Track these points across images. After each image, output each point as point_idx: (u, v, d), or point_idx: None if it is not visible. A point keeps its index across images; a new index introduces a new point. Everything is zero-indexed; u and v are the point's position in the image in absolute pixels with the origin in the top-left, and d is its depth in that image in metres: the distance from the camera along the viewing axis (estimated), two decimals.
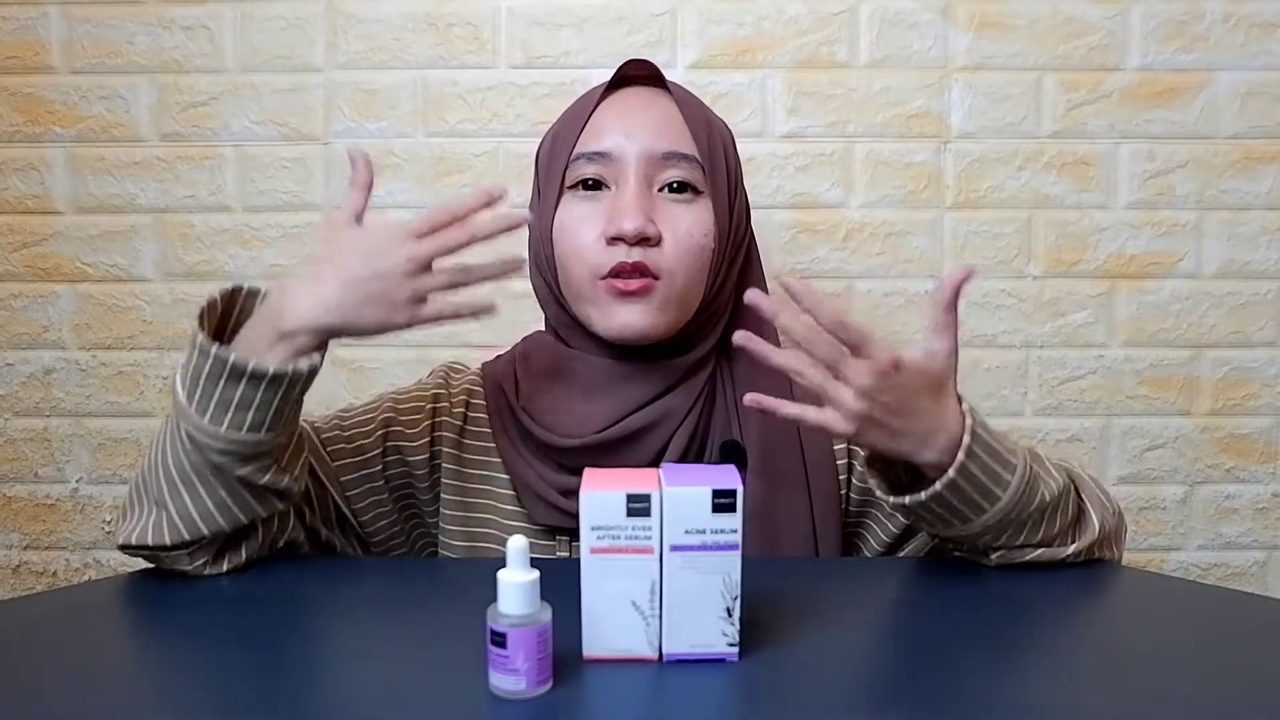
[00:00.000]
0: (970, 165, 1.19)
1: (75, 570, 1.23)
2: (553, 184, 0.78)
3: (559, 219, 0.78)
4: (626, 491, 0.53)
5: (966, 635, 0.58)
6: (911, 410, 0.63)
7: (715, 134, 0.79)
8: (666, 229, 0.75)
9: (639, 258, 0.74)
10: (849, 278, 1.20)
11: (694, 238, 0.76)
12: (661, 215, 0.75)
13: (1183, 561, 1.22)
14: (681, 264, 0.75)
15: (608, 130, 0.76)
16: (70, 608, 0.65)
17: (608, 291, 0.75)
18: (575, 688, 0.51)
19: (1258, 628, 0.60)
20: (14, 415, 1.22)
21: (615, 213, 0.74)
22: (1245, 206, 1.19)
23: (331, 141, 1.19)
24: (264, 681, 0.52)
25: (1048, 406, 1.21)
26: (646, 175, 0.75)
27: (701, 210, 0.77)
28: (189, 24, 1.18)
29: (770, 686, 0.51)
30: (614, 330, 0.75)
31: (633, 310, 0.75)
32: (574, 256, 0.76)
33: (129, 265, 1.20)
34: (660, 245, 0.75)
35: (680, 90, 0.80)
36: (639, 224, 0.73)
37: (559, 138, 0.79)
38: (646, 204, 0.75)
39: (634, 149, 0.75)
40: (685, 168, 0.76)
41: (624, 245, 0.74)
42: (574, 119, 0.79)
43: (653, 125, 0.76)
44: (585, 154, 0.76)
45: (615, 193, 0.76)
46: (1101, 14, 1.17)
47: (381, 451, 0.80)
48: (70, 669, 0.53)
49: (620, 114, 0.77)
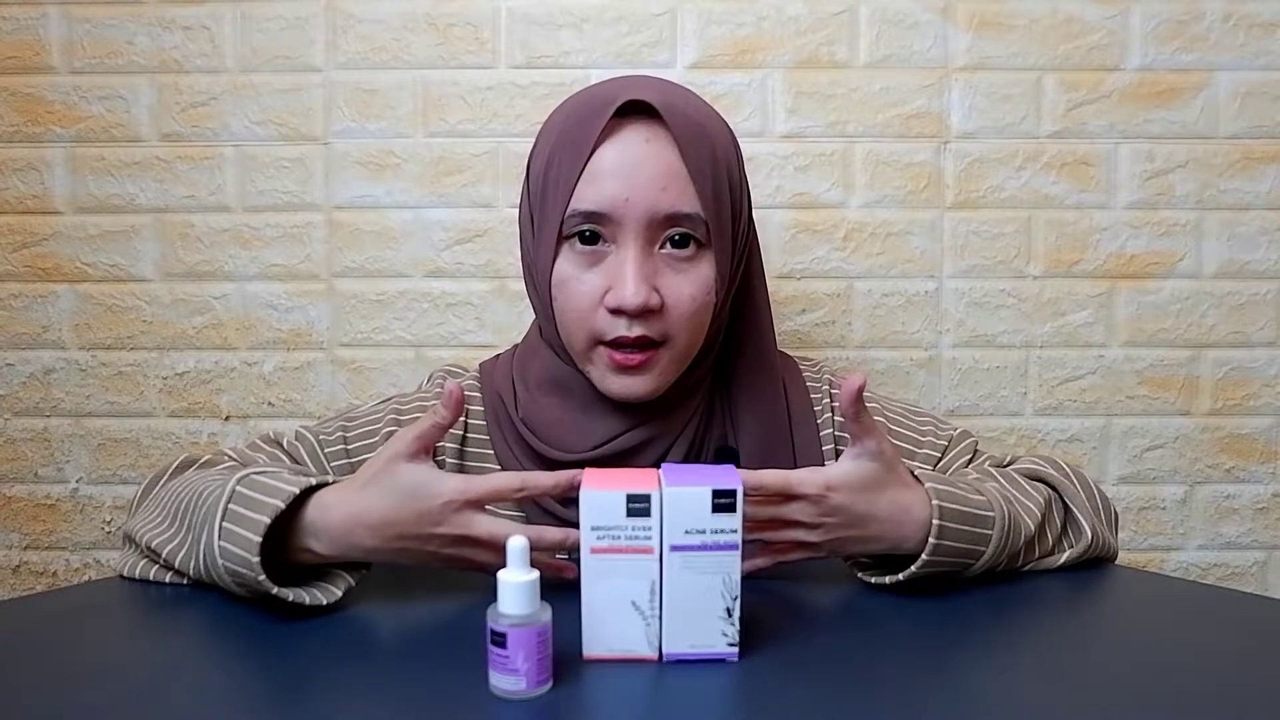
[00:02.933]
0: (970, 165, 1.19)
1: (75, 570, 1.23)
2: (549, 228, 0.74)
3: (558, 271, 0.74)
4: (626, 492, 0.53)
5: (966, 635, 0.58)
6: (870, 515, 0.65)
7: (720, 172, 0.74)
8: (669, 294, 0.72)
9: (640, 331, 0.71)
10: (849, 278, 1.20)
11: (696, 300, 0.73)
12: (663, 280, 0.72)
13: (1183, 561, 1.22)
14: (685, 329, 0.73)
15: (606, 183, 0.71)
16: (70, 608, 0.65)
17: (608, 361, 0.73)
18: (575, 688, 0.51)
19: (1258, 628, 0.60)
20: (14, 415, 1.22)
21: (616, 281, 0.71)
22: (1245, 206, 1.19)
23: (331, 141, 1.19)
24: (264, 681, 0.52)
25: (1047, 406, 1.21)
26: (648, 237, 0.72)
27: (704, 267, 0.74)
28: (189, 24, 1.18)
29: (770, 686, 0.51)
30: (613, 394, 0.75)
31: (634, 380, 0.74)
32: (573, 316, 0.73)
33: (129, 265, 1.20)
34: (661, 312, 0.72)
35: (682, 124, 0.72)
36: (642, 298, 0.70)
37: (557, 170, 0.74)
38: (649, 269, 0.71)
39: (635, 211, 0.71)
40: (688, 225, 0.72)
41: (625, 318, 0.71)
42: (572, 153, 0.73)
43: (655, 182, 0.71)
44: (583, 212, 0.72)
45: (615, 255, 0.72)
46: (1101, 14, 1.17)
47: None
48: (70, 669, 0.53)
49: (619, 165, 0.71)
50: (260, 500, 0.61)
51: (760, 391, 0.81)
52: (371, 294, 1.20)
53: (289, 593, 0.61)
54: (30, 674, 0.53)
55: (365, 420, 0.82)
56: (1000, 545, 0.66)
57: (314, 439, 0.81)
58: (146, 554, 0.71)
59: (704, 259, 0.74)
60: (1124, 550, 1.20)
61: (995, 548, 0.66)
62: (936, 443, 0.84)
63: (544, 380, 0.80)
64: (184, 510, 0.68)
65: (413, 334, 1.21)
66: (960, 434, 0.85)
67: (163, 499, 0.72)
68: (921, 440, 0.84)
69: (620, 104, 0.72)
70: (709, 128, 0.75)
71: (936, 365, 1.21)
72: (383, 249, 1.20)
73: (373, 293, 1.20)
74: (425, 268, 1.20)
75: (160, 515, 0.71)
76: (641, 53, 1.17)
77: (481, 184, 1.19)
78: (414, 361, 1.21)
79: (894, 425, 0.85)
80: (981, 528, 0.65)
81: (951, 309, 1.20)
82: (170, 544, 0.68)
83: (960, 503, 0.65)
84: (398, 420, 0.82)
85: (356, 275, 1.20)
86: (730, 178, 0.76)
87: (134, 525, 0.73)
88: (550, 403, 0.79)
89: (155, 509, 0.72)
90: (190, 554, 0.66)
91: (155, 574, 0.70)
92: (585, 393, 0.78)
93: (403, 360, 1.21)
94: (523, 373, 0.82)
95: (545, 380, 0.80)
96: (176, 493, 0.70)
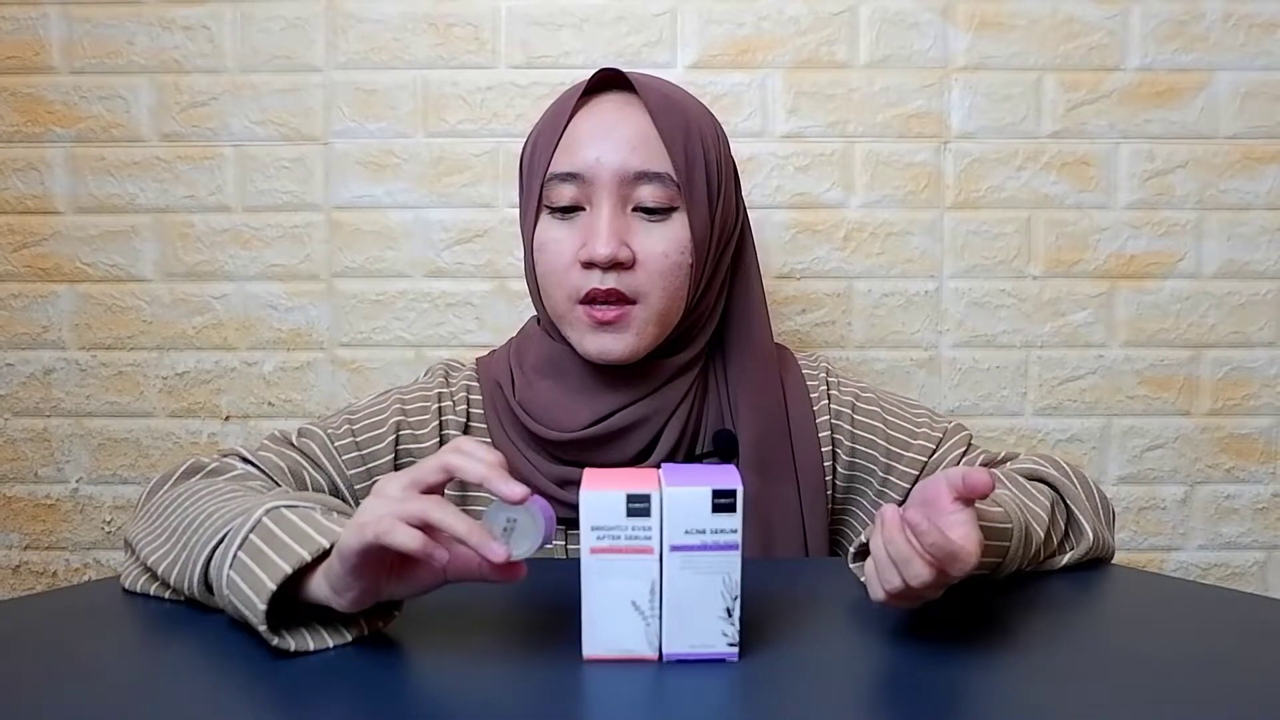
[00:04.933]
0: (970, 165, 1.19)
1: (75, 570, 1.23)
2: (532, 200, 0.79)
3: (538, 238, 0.79)
4: (626, 492, 0.53)
5: (966, 635, 0.58)
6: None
7: (694, 140, 0.78)
8: (640, 249, 0.76)
9: (613, 284, 0.75)
10: (849, 278, 1.20)
11: (669, 258, 0.76)
12: (635, 236, 0.76)
13: (1183, 561, 1.22)
14: (657, 285, 0.76)
15: (580, 147, 0.76)
16: (70, 608, 0.65)
17: (585, 318, 0.76)
18: (575, 688, 0.51)
19: (1258, 628, 0.60)
20: (14, 415, 1.22)
21: (589, 237, 0.75)
22: (1245, 206, 1.19)
23: (331, 141, 1.19)
24: (265, 681, 0.52)
25: (1047, 406, 1.21)
26: (620, 195, 0.76)
27: (676, 228, 0.77)
28: (189, 24, 1.18)
29: (770, 686, 0.51)
30: (593, 355, 0.77)
31: (610, 338, 0.76)
32: (551, 278, 0.77)
33: (129, 265, 1.20)
34: (634, 268, 0.76)
35: (655, 96, 0.77)
36: (611, 249, 0.74)
37: (537, 148, 0.80)
38: (620, 226, 0.75)
39: (606, 170, 0.75)
40: (658, 185, 0.76)
41: (598, 270, 0.75)
42: (550, 128, 0.79)
43: (625, 143, 0.75)
44: (559, 174, 0.76)
45: (589, 214, 0.76)
46: (1101, 14, 1.17)
47: (394, 456, 0.81)
48: (70, 669, 0.53)
49: (593, 131, 0.76)
50: (285, 543, 0.55)
51: (757, 378, 0.82)
52: (371, 294, 1.20)
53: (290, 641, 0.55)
54: (30, 674, 0.53)
55: (369, 412, 0.83)
56: (1015, 556, 0.66)
57: (324, 434, 0.81)
58: (145, 569, 0.68)
59: (677, 219, 0.77)
60: (1124, 550, 1.21)
61: (1010, 559, 0.66)
62: (931, 434, 0.84)
63: (539, 364, 0.82)
64: (185, 528, 0.64)
65: (413, 334, 1.21)
66: (955, 427, 0.85)
67: (166, 510, 0.69)
68: (916, 432, 0.84)
69: (594, 77, 0.78)
70: (683, 102, 0.79)
71: (936, 365, 1.21)
72: (383, 249, 1.20)
73: (373, 293, 1.20)
74: (425, 268, 1.20)
75: (160, 529, 0.68)
76: (641, 53, 1.17)
77: (481, 184, 1.19)
78: (414, 361, 1.21)
79: (889, 417, 0.85)
80: (1000, 540, 0.64)
81: (951, 309, 1.20)
82: (165, 560, 0.64)
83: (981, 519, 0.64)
84: (402, 409, 0.82)
85: (356, 275, 1.20)
86: (704, 147, 0.79)
87: (134, 533, 0.70)
88: (546, 385, 0.81)
89: (157, 520, 0.69)
90: (184, 574, 0.62)
91: (155, 590, 0.67)
92: (579, 373, 0.80)
93: (403, 360, 1.21)
94: (520, 360, 0.84)
95: (540, 363, 0.82)
96: (181, 506, 0.67)
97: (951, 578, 0.54)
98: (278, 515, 0.58)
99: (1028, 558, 0.69)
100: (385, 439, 0.81)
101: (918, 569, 0.53)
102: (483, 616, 0.61)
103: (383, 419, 0.82)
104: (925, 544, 0.52)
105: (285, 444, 0.81)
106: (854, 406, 0.85)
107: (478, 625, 0.59)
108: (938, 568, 0.53)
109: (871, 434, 0.84)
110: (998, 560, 0.65)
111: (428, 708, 0.49)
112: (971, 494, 0.55)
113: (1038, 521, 0.70)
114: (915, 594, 0.56)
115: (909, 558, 0.54)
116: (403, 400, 0.83)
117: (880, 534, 0.56)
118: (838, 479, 0.85)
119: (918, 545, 0.53)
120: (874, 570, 0.58)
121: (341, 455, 0.80)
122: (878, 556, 0.57)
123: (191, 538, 0.62)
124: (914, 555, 0.54)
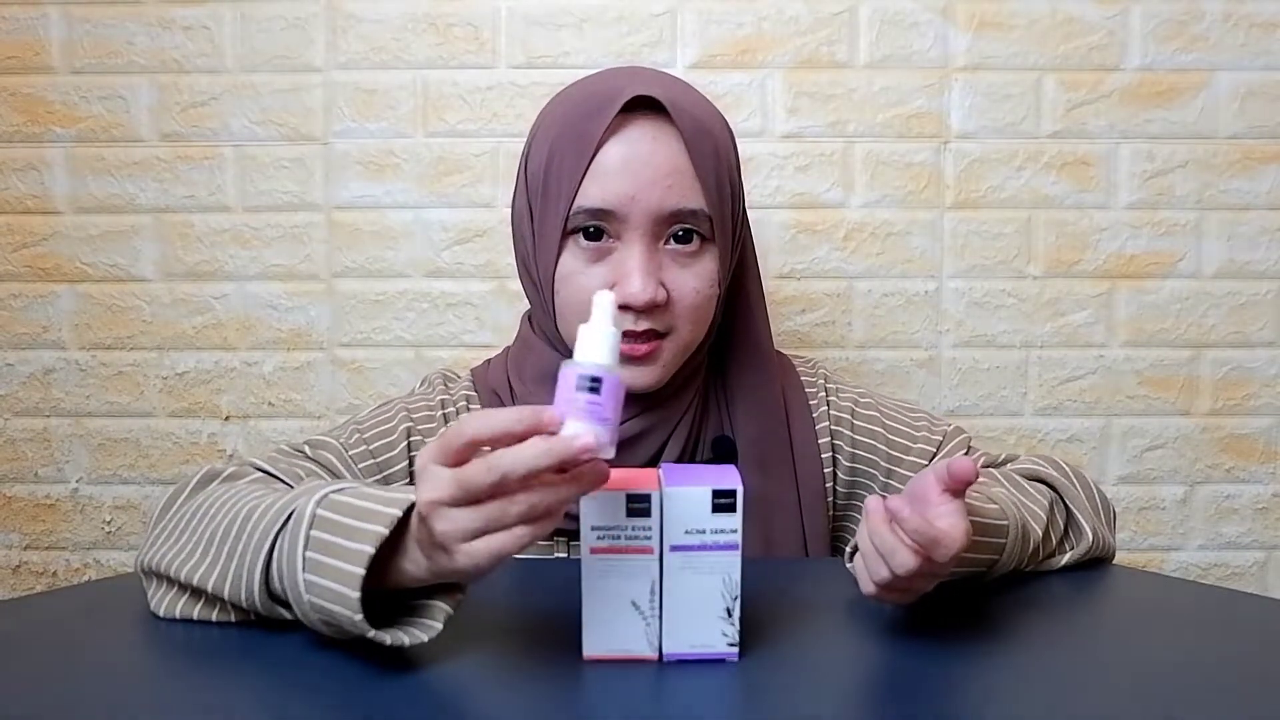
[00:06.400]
0: (970, 165, 1.19)
1: (75, 570, 1.23)
2: (552, 223, 0.74)
3: (561, 268, 0.74)
4: (626, 492, 0.53)
5: (966, 635, 0.58)
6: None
7: (724, 168, 0.75)
8: (674, 288, 0.73)
9: (647, 325, 0.72)
10: (849, 278, 1.20)
11: (700, 293, 0.75)
12: (668, 273, 0.73)
13: (1183, 561, 1.22)
14: (689, 321, 0.75)
15: (613, 180, 0.71)
16: (70, 608, 0.65)
17: None
18: (575, 688, 0.51)
19: (1258, 628, 0.60)
20: (14, 415, 1.22)
21: (623, 277, 0.72)
22: (1245, 206, 1.19)
23: (331, 141, 1.19)
24: (266, 681, 0.52)
25: (1047, 406, 1.21)
26: (654, 233, 0.73)
27: (707, 261, 0.75)
28: (189, 24, 1.18)
29: (770, 686, 0.51)
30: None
31: (639, 370, 0.74)
32: (576, 310, 0.72)
33: (129, 265, 1.20)
34: (668, 305, 0.73)
35: (688, 121, 0.73)
36: (650, 294, 0.71)
37: (561, 168, 0.73)
38: (654, 265, 0.72)
39: (640, 209, 0.71)
40: (693, 221, 0.73)
41: (632, 312, 0.72)
42: (574, 149, 0.73)
43: (661, 179, 0.71)
44: (588, 209, 0.72)
45: (621, 251, 0.73)
46: (1101, 14, 1.17)
47: (408, 463, 0.80)
48: (70, 669, 0.53)
49: (626, 162, 0.71)
50: (354, 526, 0.52)
51: (756, 384, 0.82)
52: (371, 294, 1.20)
53: (386, 635, 0.52)
54: (30, 674, 0.53)
55: (376, 421, 0.82)
56: (1012, 554, 0.66)
57: (337, 443, 0.79)
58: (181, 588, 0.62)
59: (707, 253, 0.76)
60: (1124, 550, 1.21)
61: (1007, 557, 0.66)
62: (931, 437, 0.84)
63: (540, 374, 0.80)
64: (225, 535, 0.59)
65: (412, 334, 1.21)
66: (954, 430, 0.85)
67: (193, 522, 0.62)
68: (916, 436, 0.84)
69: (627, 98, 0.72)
70: (711, 125, 0.76)
71: (936, 365, 1.21)
72: (383, 249, 1.20)
73: (373, 293, 1.20)
74: (425, 268, 1.20)
75: (193, 542, 0.61)
76: (641, 53, 1.17)
77: (481, 184, 1.19)
78: (414, 361, 1.21)
79: (889, 421, 0.85)
80: (996, 537, 0.64)
81: (951, 309, 1.20)
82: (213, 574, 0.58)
83: (976, 514, 0.65)
84: (410, 418, 0.81)
85: (356, 275, 1.20)
86: (730, 173, 0.77)
87: (157, 555, 0.62)
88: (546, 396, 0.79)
89: (184, 534, 0.62)
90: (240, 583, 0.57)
91: (200, 612, 0.61)
92: None
93: (403, 360, 1.21)
94: (518, 370, 0.83)
95: (541, 374, 0.80)
96: (210, 514, 0.61)
97: (939, 566, 0.54)
98: (331, 502, 0.54)
99: (1026, 556, 0.69)
100: (397, 445, 0.80)
101: (903, 557, 0.54)
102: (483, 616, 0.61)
103: (391, 426, 0.81)
104: (908, 530, 0.53)
105: (298, 455, 0.78)
106: (853, 412, 0.85)
107: (478, 625, 0.59)
108: (923, 555, 0.53)
109: (872, 439, 0.84)
110: (994, 558, 0.65)
111: (428, 707, 0.49)
112: (956, 482, 0.55)
113: (1035, 520, 0.70)
114: (904, 585, 0.56)
115: (894, 547, 0.54)
116: (408, 408, 0.82)
117: (865, 526, 0.57)
118: (839, 485, 0.84)
119: (901, 534, 0.54)
120: (862, 564, 0.58)
121: (358, 464, 0.78)
122: (864, 549, 0.58)
123: (236, 544, 0.57)
124: (899, 544, 0.54)
